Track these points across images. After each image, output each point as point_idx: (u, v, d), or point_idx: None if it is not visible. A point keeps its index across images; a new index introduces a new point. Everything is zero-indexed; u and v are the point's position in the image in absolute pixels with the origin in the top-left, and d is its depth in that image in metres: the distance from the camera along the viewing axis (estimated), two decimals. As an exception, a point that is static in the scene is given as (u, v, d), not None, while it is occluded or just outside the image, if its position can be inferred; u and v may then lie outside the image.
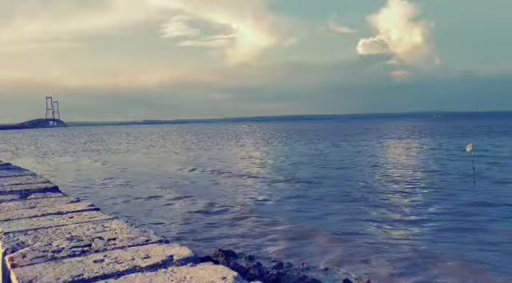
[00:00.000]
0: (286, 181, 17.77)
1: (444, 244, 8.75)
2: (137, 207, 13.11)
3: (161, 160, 30.26)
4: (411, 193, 14.55)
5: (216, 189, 16.24)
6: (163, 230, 9.99)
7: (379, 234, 9.55)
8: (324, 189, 15.45)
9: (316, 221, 10.85)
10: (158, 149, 42.31)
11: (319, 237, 9.42)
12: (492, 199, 12.77)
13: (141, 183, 18.10)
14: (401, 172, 20.16)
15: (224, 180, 18.90)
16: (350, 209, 12.06)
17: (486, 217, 10.79)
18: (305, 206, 12.71)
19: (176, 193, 15.49)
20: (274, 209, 12.41)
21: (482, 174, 17.67)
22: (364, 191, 14.94)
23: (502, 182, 15.99)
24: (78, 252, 2.70)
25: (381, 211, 11.79)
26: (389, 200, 13.38)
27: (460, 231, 9.57)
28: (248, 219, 11.29)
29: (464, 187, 15.27)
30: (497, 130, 61.26)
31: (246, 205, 13.18)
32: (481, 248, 8.42)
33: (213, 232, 10.06)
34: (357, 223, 10.54)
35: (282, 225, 10.59)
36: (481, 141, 39.04)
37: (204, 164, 26.10)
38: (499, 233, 9.31)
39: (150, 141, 63.22)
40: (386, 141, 45.47)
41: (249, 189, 16.07)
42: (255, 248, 8.80)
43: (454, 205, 12.27)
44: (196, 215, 11.86)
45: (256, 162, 26.44)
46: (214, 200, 13.97)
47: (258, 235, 9.72)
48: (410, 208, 12.20)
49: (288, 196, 14.42)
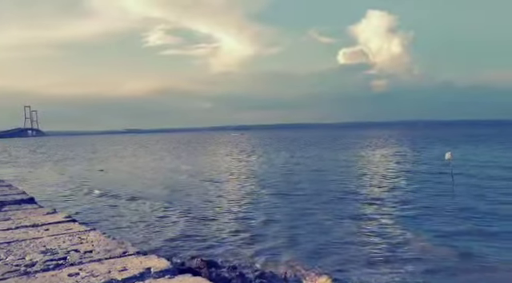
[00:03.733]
0: (273, 193, 17.75)
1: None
2: (115, 218, 12.85)
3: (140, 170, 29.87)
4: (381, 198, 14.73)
5: (196, 198, 16.06)
6: (142, 241, 9.82)
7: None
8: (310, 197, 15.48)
9: (299, 230, 10.83)
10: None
11: (302, 246, 9.41)
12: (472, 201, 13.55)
13: (119, 194, 17.78)
14: (370, 178, 20.54)
15: (205, 187, 18.76)
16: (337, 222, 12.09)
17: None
18: (291, 217, 12.67)
19: (154, 204, 15.28)
20: (258, 220, 12.34)
21: (460, 180, 18.05)
22: (343, 199, 15.12)
23: (476, 186, 16.51)
24: (52, 265, 2.62)
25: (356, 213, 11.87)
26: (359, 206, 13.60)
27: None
28: (231, 229, 11.21)
29: (444, 191, 15.68)
30: (473, 140, 62.77)
31: (228, 214, 13.09)
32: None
33: (195, 242, 9.94)
34: (334, 234, 10.58)
35: (265, 234, 10.55)
36: (459, 149, 39.90)
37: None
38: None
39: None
40: (370, 150, 46.03)
41: (231, 198, 15.96)
42: (238, 257, 8.73)
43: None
44: (178, 225, 11.71)
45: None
46: (194, 210, 13.83)
47: (241, 244, 9.65)
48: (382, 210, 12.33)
49: (275, 206, 14.39)
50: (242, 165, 30.63)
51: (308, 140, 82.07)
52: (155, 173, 26.25)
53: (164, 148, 65.60)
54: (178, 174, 24.66)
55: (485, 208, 12.24)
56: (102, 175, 25.73)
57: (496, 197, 13.84)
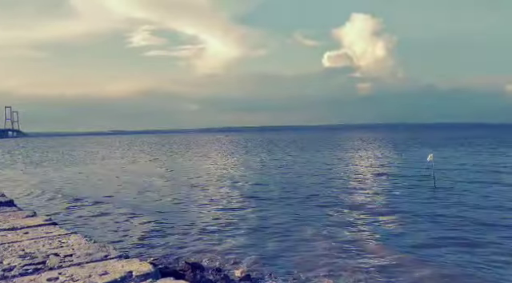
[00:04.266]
0: (260, 193, 17.72)
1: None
2: (96, 221, 12.65)
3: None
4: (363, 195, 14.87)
5: (176, 202, 15.92)
6: (124, 245, 9.69)
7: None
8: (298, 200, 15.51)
9: (286, 233, 10.84)
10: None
11: (286, 248, 9.42)
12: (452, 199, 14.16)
13: (91, 197, 17.52)
14: (356, 178, 20.67)
15: (188, 191, 18.64)
16: (319, 217, 12.15)
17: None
18: (273, 219, 12.67)
19: (136, 206, 15.09)
20: (242, 221, 12.32)
21: (441, 181, 18.41)
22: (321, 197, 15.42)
23: (456, 187, 16.90)
24: (30, 270, 2.56)
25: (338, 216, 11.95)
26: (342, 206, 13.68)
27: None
28: (215, 231, 11.16)
29: (426, 192, 15.99)
30: (454, 142, 63.97)
31: (212, 217, 13.02)
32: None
33: (179, 244, 9.85)
34: (320, 230, 10.62)
35: (250, 236, 10.54)
36: (439, 151, 40.57)
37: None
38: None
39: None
40: (351, 153, 46.42)
41: (215, 201, 15.88)
42: (223, 260, 8.69)
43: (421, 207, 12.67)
44: (161, 228, 11.59)
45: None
46: (177, 213, 13.72)
47: (226, 247, 9.61)
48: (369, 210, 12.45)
49: (260, 208, 14.39)
50: (219, 167, 30.22)
51: (292, 142, 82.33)
52: (130, 175, 25.68)
53: (146, 149, 64.90)
54: (153, 177, 24.06)
55: (463, 214, 12.06)
56: (76, 178, 25.19)
57: (475, 202, 13.76)
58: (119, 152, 59.14)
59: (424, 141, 71.70)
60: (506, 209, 12.34)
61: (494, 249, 8.72)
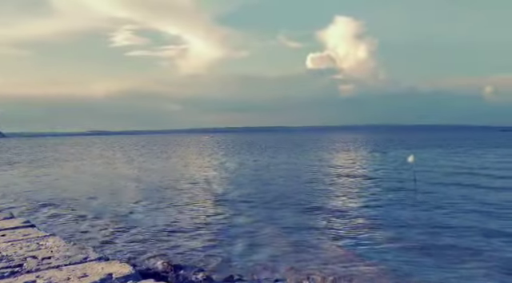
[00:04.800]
0: (241, 195, 17.70)
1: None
2: (74, 223, 12.42)
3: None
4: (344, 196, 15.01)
5: (152, 203, 15.75)
6: (104, 247, 9.54)
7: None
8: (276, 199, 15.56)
9: (269, 234, 10.86)
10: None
11: (268, 249, 9.44)
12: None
13: (82, 197, 17.24)
14: (338, 179, 20.72)
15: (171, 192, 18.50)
16: (302, 220, 12.21)
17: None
18: (255, 218, 12.68)
19: (112, 209, 14.85)
20: (225, 222, 12.29)
21: (422, 181, 18.70)
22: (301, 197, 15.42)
23: (435, 187, 17.15)
24: (7, 273, 2.49)
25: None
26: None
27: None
28: (198, 231, 11.10)
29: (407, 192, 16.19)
30: (434, 144, 65.19)
31: (193, 217, 12.95)
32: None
33: (162, 246, 9.76)
34: (303, 233, 10.68)
35: (232, 237, 10.51)
36: (420, 153, 41.26)
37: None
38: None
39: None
40: (332, 154, 46.81)
41: (197, 202, 15.78)
42: (206, 261, 8.65)
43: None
44: (142, 229, 11.46)
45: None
46: (154, 214, 13.57)
47: (209, 247, 9.56)
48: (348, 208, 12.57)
49: (242, 208, 14.37)
50: (195, 169, 29.84)
51: (273, 143, 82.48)
52: (100, 178, 25.03)
53: (125, 150, 63.88)
54: (125, 180, 23.44)
55: (440, 219, 11.76)
56: (46, 180, 24.46)
57: (453, 206, 13.52)
58: (94, 154, 58.12)
59: (405, 142, 72.77)
60: (480, 213, 12.13)
61: (468, 256, 8.44)
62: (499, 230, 10.10)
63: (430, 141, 72.56)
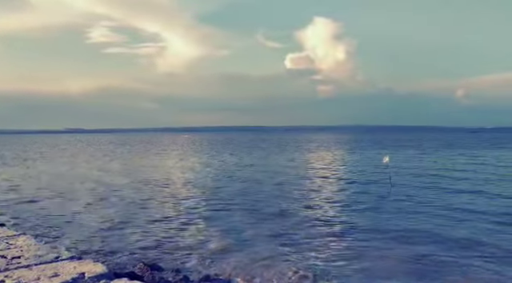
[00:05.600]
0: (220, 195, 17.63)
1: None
2: (46, 222, 12.11)
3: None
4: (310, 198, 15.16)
5: (137, 201, 15.56)
6: (78, 246, 9.34)
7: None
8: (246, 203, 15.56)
9: (242, 234, 10.87)
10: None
11: (245, 248, 9.45)
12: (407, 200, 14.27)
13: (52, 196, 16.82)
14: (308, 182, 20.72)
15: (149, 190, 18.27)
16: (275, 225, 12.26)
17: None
18: (234, 218, 12.68)
19: (95, 205, 14.63)
20: (202, 221, 12.23)
21: (396, 182, 18.78)
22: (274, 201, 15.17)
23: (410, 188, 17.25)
24: (-27, 273, 2.41)
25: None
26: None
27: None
28: (177, 231, 11.01)
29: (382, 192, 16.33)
30: (410, 144, 66.68)
31: (169, 217, 12.84)
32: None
33: (137, 245, 9.63)
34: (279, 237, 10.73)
35: (210, 236, 10.47)
36: (395, 153, 42.08)
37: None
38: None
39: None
40: (311, 153, 47.20)
41: (174, 201, 15.63)
42: (182, 261, 8.59)
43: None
44: (118, 229, 11.29)
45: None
46: (132, 211, 13.45)
47: (185, 247, 9.50)
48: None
49: (220, 208, 14.32)
50: (163, 168, 29.37)
51: (248, 143, 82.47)
52: (54, 178, 23.96)
53: (95, 149, 62.43)
54: (82, 181, 22.40)
55: (411, 225, 11.29)
56: (17, 178, 23.68)
57: (428, 209, 13.24)
58: (67, 151, 56.79)
59: (381, 143, 74.15)
60: (446, 219, 11.85)
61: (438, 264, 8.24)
62: (464, 238, 9.83)
63: (404, 142, 74.18)
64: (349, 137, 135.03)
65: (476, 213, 12.59)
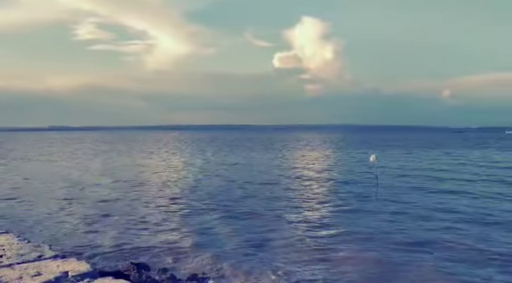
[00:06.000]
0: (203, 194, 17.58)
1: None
2: (31, 221, 11.92)
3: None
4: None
5: (117, 201, 15.40)
6: (64, 245, 9.20)
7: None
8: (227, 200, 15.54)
9: (228, 231, 10.87)
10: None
11: (229, 246, 9.45)
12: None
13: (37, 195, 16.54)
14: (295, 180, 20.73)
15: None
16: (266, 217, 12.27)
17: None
18: (212, 218, 12.65)
19: (76, 204, 14.46)
20: (187, 220, 12.20)
21: (381, 182, 18.91)
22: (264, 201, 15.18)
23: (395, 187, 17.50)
24: (-47, 273, 2.35)
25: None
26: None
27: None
28: (162, 230, 10.96)
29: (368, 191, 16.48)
30: (396, 144, 67.40)
31: (154, 215, 12.77)
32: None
33: (124, 244, 9.55)
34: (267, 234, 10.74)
35: (194, 235, 10.45)
36: (384, 153, 42.47)
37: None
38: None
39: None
40: (297, 152, 47.34)
41: (160, 201, 15.43)
42: (169, 260, 8.55)
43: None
44: (105, 227, 11.19)
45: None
46: (117, 211, 13.34)
47: (172, 247, 9.46)
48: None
49: (199, 207, 14.28)
50: (141, 167, 28.88)
51: (236, 141, 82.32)
52: (34, 177, 23.44)
53: (79, 147, 61.24)
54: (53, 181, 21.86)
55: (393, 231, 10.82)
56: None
57: (415, 210, 13.12)
58: (53, 149, 55.90)
59: (368, 142, 74.80)
60: (432, 222, 11.64)
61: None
62: (435, 239, 9.72)
63: (391, 142, 74.99)
64: (336, 136, 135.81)
65: (454, 213, 12.57)
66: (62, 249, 7.27)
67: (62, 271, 2.33)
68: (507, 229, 10.68)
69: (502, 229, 10.77)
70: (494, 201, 14.49)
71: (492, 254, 8.66)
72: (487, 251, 8.88)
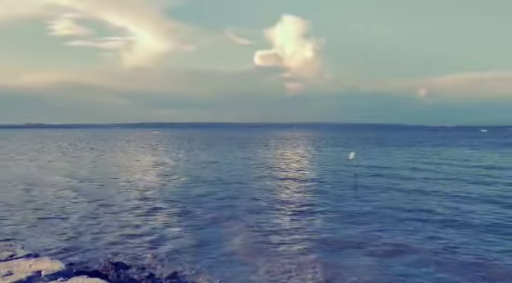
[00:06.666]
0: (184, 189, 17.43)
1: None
2: (5, 222, 11.59)
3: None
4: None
5: (95, 197, 15.12)
6: (37, 245, 8.95)
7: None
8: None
9: (209, 229, 10.83)
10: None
11: (210, 245, 9.43)
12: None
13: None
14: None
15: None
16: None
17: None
18: (195, 214, 12.58)
19: (49, 205, 14.09)
20: (166, 218, 12.10)
21: (360, 177, 19.09)
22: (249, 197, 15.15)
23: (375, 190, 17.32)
24: None
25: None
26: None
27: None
28: (139, 228, 10.84)
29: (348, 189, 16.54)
30: (373, 142, 68.38)
31: (133, 214, 12.62)
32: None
33: (101, 244, 9.39)
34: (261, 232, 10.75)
35: (174, 233, 10.39)
36: (360, 150, 42.93)
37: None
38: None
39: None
40: (276, 150, 47.39)
41: (132, 202, 15.03)
42: (148, 258, 8.46)
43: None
44: (81, 228, 10.97)
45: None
46: (88, 212, 13.03)
47: (151, 245, 9.37)
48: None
49: (184, 205, 14.18)
50: (116, 166, 27.98)
51: (212, 140, 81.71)
52: (36, 174, 23.04)
53: (52, 145, 59.50)
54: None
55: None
56: None
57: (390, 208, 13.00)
58: (25, 147, 54.40)
59: (348, 141, 75.59)
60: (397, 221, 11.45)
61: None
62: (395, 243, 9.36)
63: (370, 140, 75.99)
64: (316, 134, 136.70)
65: (424, 212, 12.27)
66: (36, 249, 7.10)
67: (35, 270, 2.30)
68: (465, 230, 10.34)
69: (469, 232, 10.32)
70: (464, 202, 14.03)
71: (456, 258, 8.37)
72: (447, 254, 8.57)
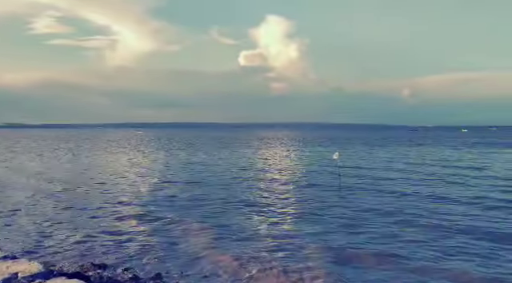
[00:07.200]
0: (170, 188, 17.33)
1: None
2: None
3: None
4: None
5: (80, 199, 14.90)
6: (15, 246, 8.71)
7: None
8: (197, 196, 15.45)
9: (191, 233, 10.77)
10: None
11: (199, 245, 9.39)
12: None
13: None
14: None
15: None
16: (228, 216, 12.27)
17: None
18: (180, 213, 12.52)
19: (26, 206, 13.80)
20: (151, 218, 12.00)
21: (345, 177, 19.13)
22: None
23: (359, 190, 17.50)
24: None
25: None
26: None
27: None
28: (123, 229, 10.72)
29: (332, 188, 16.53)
30: (358, 142, 69.12)
31: (119, 213, 12.50)
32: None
33: (82, 246, 9.23)
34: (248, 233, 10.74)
35: (157, 234, 10.31)
36: (345, 150, 43.30)
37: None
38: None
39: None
40: (259, 150, 47.51)
41: (102, 200, 14.83)
42: (131, 259, 8.36)
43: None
44: (60, 230, 10.79)
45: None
46: (78, 209, 12.98)
47: (135, 246, 9.27)
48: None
49: (170, 204, 14.10)
50: (84, 167, 27.32)
51: (193, 139, 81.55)
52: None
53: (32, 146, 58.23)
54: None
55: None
56: None
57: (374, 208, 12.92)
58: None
59: (331, 140, 76.24)
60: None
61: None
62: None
63: (354, 140, 76.71)
64: (300, 133, 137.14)
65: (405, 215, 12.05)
66: (13, 251, 6.86)
67: (12, 272, 2.24)
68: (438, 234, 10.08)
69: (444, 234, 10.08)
70: (442, 203, 13.84)
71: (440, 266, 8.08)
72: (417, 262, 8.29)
